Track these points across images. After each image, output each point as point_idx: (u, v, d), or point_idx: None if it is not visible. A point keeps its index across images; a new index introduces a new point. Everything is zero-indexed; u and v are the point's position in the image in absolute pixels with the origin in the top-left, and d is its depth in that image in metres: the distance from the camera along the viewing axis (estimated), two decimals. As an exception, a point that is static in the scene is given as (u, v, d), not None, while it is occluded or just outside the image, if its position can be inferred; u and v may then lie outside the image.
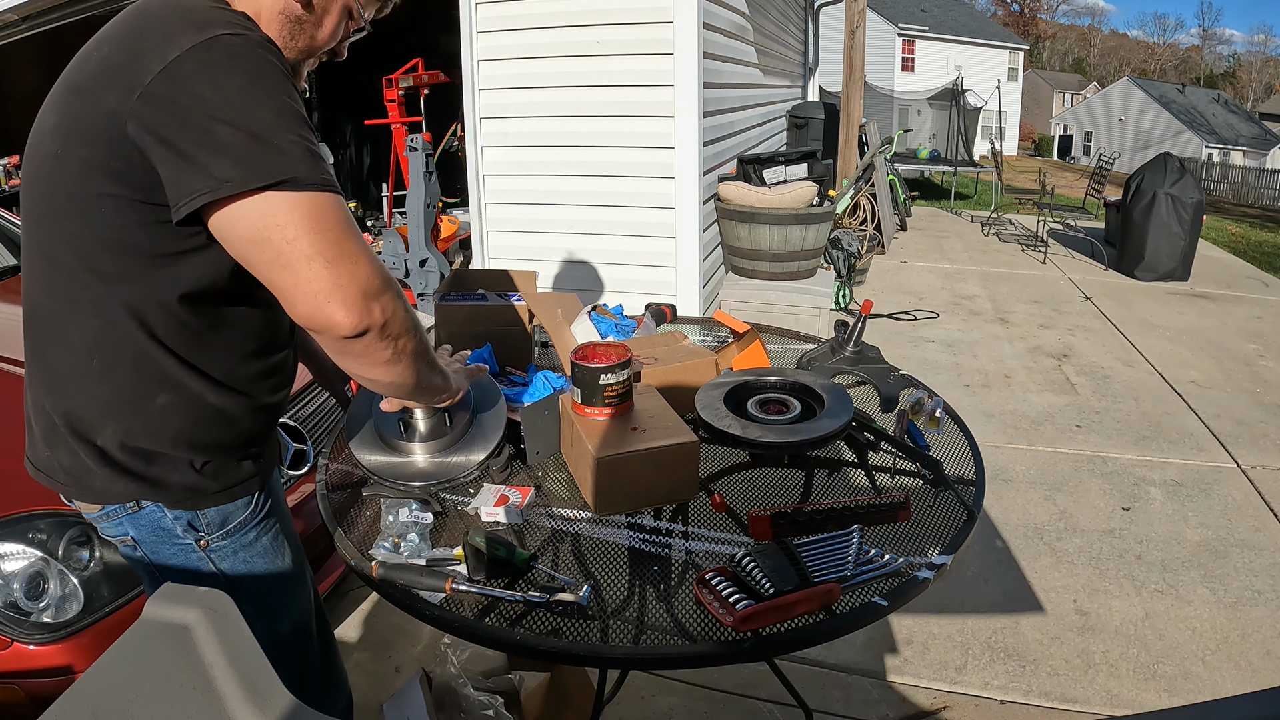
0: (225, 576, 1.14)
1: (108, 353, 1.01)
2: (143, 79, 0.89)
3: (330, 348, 0.97)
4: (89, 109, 0.93)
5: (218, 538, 1.12)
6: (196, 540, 1.11)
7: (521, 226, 4.21)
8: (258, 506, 1.17)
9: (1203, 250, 7.70)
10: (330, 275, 0.90)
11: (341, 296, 0.91)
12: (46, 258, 1.01)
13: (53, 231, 0.99)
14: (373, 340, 0.96)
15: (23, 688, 1.55)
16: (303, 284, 0.90)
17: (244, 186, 0.87)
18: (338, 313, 0.91)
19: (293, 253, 0.89)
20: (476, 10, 3.92)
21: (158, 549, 1.12)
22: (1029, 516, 3.07)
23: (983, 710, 2.12)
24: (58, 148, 0.96)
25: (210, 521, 1.11)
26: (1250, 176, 21.32)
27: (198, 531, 1.11)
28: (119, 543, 1.14)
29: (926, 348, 5.10)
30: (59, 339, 1.03)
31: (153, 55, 0.90)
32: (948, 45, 26.25)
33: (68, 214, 0.97)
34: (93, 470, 1.06)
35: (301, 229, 0.89)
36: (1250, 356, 5.09)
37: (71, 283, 0.99)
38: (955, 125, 14.19)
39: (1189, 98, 31.53)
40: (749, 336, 1.79)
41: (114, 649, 0.66)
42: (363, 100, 7.05)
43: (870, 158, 7.39)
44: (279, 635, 1.21)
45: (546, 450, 1.46)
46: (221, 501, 1.12)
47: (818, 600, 1.05)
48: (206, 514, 1.11)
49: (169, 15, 0.94)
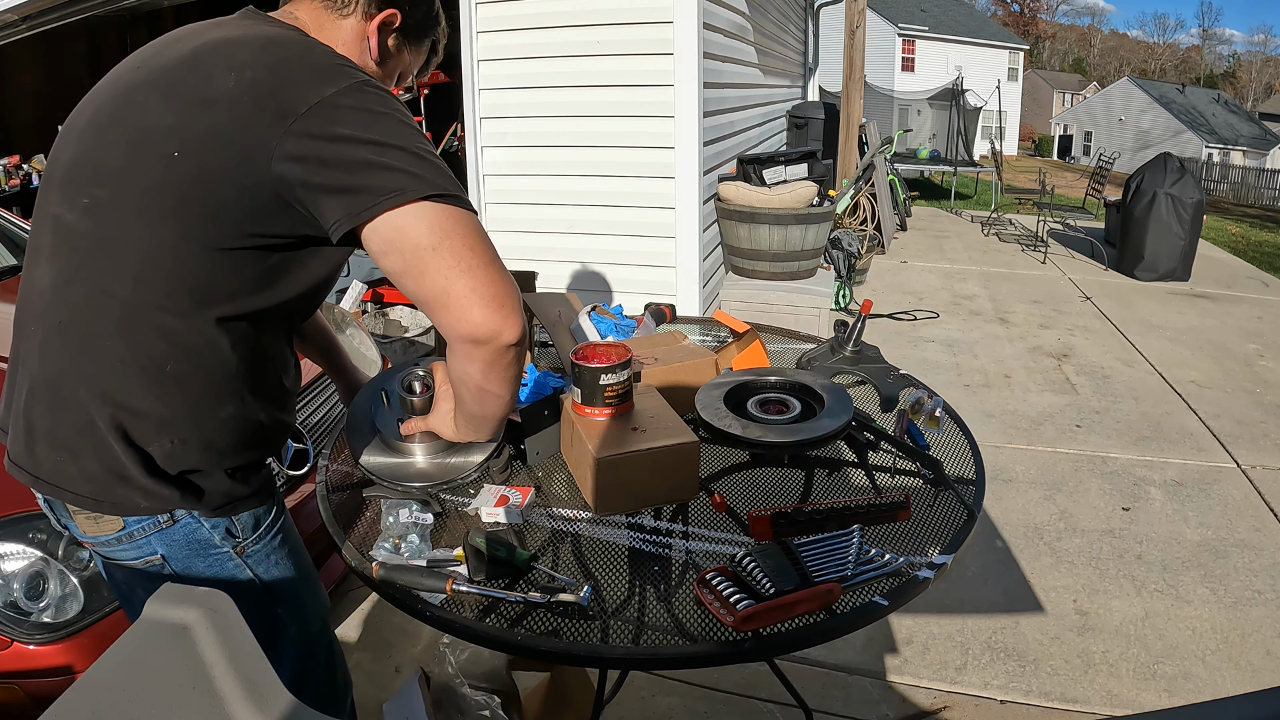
0: (261, 581, 1.13)
1: (183, 359, 1.00)
2: (298, 108, 0.93)
3: (474, 354, 1.02)
4: (226, 123, 0.93)
5: (252, 542, 1.12)
6: (234, 547, 1.10)
7: (521, 226, 4.21)
8: (279, 509, 1.18)
9: (1203, 250, 7.70)
10: (489, 281, 0.97)
11: (504, 303, 0.97)
12: (131, 248, 0.97)
13: (149, 228, 0.96)
14: (517, 350, 1.02)
15: (23, 688, 1.55)
16: (480, 286, 0.96)
17: (420, 193, 0.94)
18: (507, 320, 0.98)
19: (471, 258, 0.96)
20: (476, 10, 3.92)
21: (190, 563, 1.08)
22: (1029, 516, 3.07)
23: (983, 710, 2.12)
24: (176, 150, 0.95)
25: (245, 526, 1.11)
26: (1250, 176, 21.32)
27: (235, 538, 1.10)
28: (140, 564, 1.08)
29: (926, 348, 5.10)
30: (127, 337, 0.98)
31: (307, 88, 0.94)
32: (948, 45, 26.26)
33: (173, 214, 0.96)
34: (130, 478, 1.01)
35: (470, 239, 0.96)
36: (1250, 356, 5.09)
37: (155, 281, 0.97)
38: (955, 125, 14.20)
39: (1189, 98, 31.54)
40: (749, 336, 1.79)
41: (114, 649, 0.66)
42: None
43: (870, 158, 7.39)
44: (312, 633, 1.22)
45: (546, 450, 1.46)
46: (253, 505, 1.12)
47: (818, 600, 1.05)
48: (241, 519, 1.10)
49: (315, 54, 1.00)
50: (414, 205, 0.94)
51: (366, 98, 0.96)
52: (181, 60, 1.00)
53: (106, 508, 1.03)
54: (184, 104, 0.96)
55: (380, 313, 5.28)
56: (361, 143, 0.93)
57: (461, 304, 0.96)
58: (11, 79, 6.63)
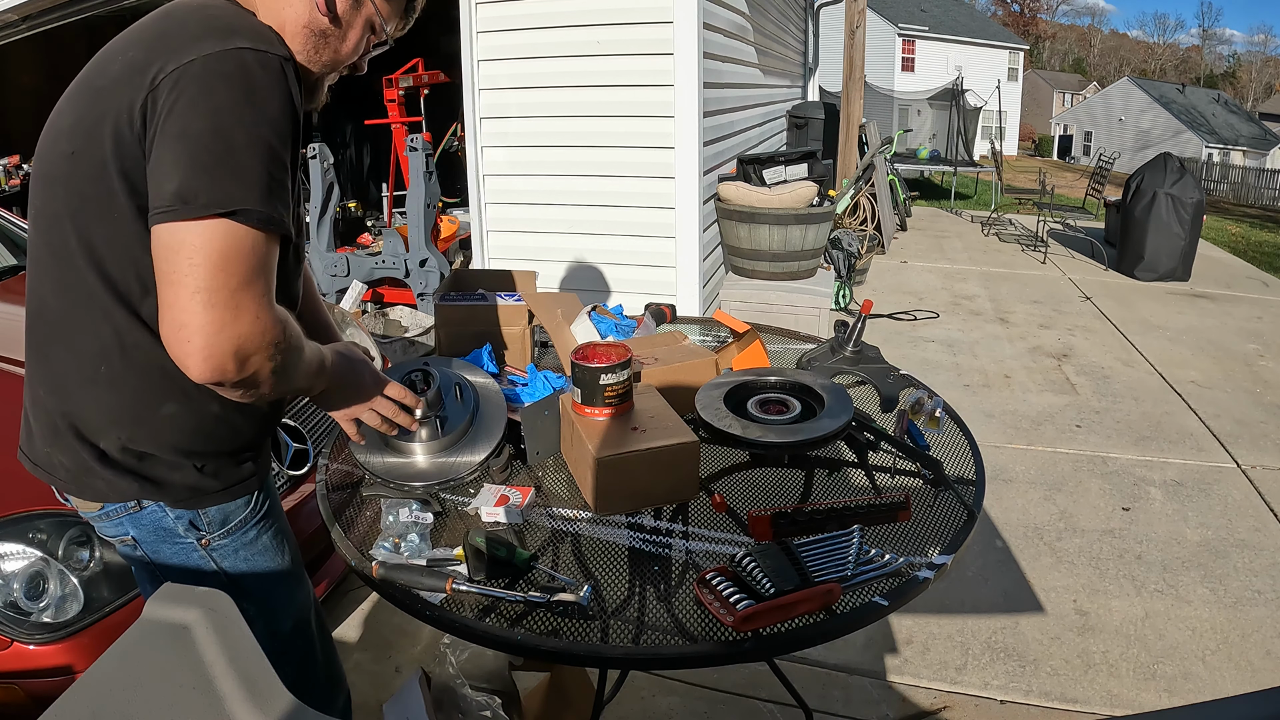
0: (226, 575, 1.14)
1: (116, 360, 1.01)
2: (156, 79, 0.90)
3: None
4: (108, 109, 0.93)
5: (219, 536, 1.12)
6: (198, 539, 1.11)
7: (521, 226, 4.21)
8: (257, 505, 1.17)
9: (1203, 250, 7.70)
10: (206, 317, 0.88)
11: (204, 343, 0.89)
12: (57, 257, 1.00)
13: (66, 232, 0.98)
14: (225, 388, 0.96)
15: (23, 688, 1.55)
16: (178, 313, 0.89)
17: (189, 214, 0.87)
18: (194, 356, 0.89)
19: (187, 279, 0.88)
20: (476, 10, 3.92)
21: (158, 548, 1.12)
22: (1029, 516, 3.07)
23: (983, 710, 2.12)
24: (74, 148, 0.95)
25: (211, 520, 1.12)
26: (1250, 176, 21.32)
27: (199, 530, 1.11)
28: (118, 542, 1.14)
29: (926, 348, 5.10)
30: (66, 341, 1.03)
31: (171, 57, 0.90)
32: (948, 45, 26.25)
33: (82, 215, 0.96)
34: (94, 470, 1.06)
35: (206, 261, 0.88)
36: (1250, 356, 5.09)
37: (82, 286, 0.99)
38: (955, 125, 14.19)
39: (1189, 98, 31.53)
40: (749, 336, 1.79)
41: (114, 649, 0.66)
42: (363, 100, 7.05)
43: (870, 158, 7.39)
44: (280, 633, 1.21)
45: (546, 450, 1.46)
46: (222, 500, 1.12)
47: (818, 600, 1.05)
48: (208, 513, 1.11)
49: (195, 19, 0.95)
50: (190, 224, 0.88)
51: (223, 68, 0.90)
52: (103, 53, 1.00)
53: (86, 493, 1.09)
54: (82, 97, 0.98)
55: (380, 313, 5.28)
56: (181, 126, 0.88)
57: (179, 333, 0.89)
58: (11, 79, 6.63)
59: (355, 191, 8.47)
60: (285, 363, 0.98)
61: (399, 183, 5.71)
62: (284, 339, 0.96)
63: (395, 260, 5.06)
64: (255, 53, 0.91)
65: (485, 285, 1.92)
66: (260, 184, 0.90)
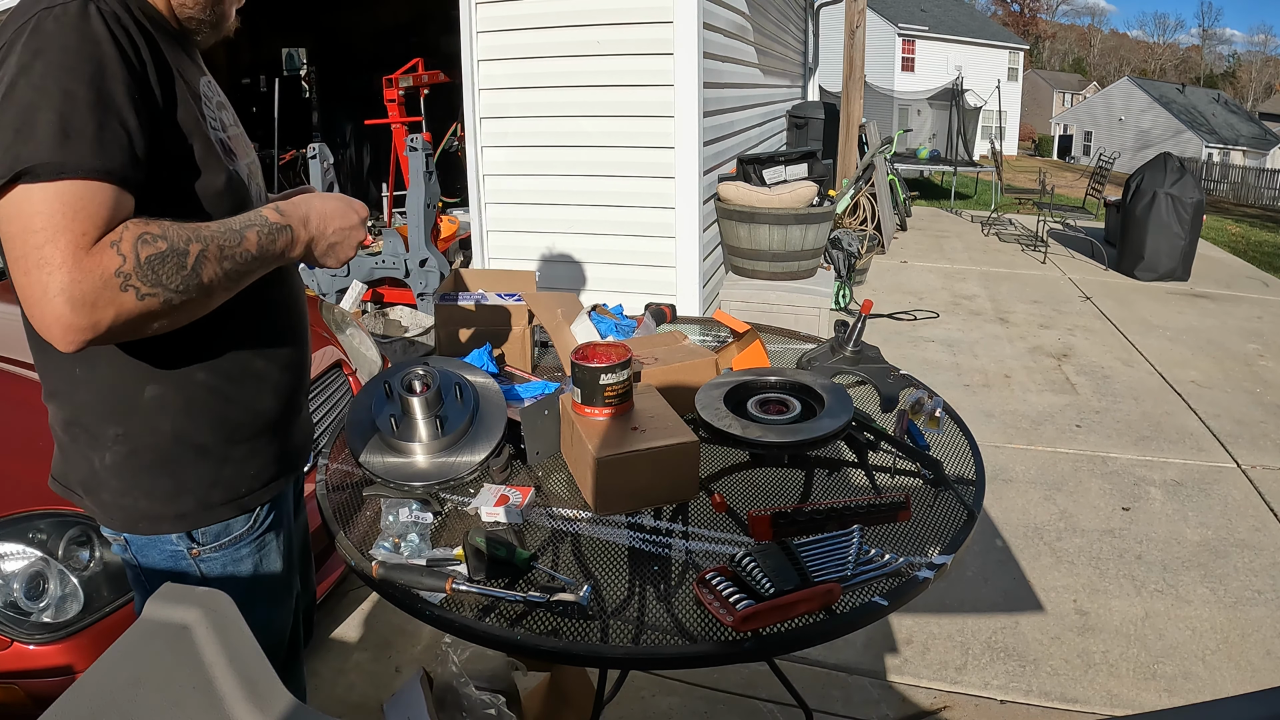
0: (205, 580, 1.13)
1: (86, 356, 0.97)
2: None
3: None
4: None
5: (211, 549, 1.11)
6: (188, 548, 1.10)
7: (521, 226, 4.21)
8: (257, 523, 1.15)
9: (1203, 250, 7.70)
10: (34, 288, 0.83)
11: (42, 313, 0.83)
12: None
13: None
14: (114, 335, 0.87)
15: (23, 688, 1.55)
16: (20, 291, 0.84)
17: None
18: (47, 329, 0.84)
19: (10, 253, 0.84)
20: (476, 10, 3.92)
21: (146, 551, 1.11)
22: (1029, 516, 3.07)
23: (983, 710, 2.11)
24: None
25: (208, 533, 1.10)
26: (1250, 176, 21.31)
27: (193, 542, 1.10)
28: (113, 540, 1.13)
29: (926, 348, 5.10)
30: (40, 348, 1.02)
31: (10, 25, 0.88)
32: (948, 45, 26.25)
33: None
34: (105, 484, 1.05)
35: (13, 230, 0.83)
36: (1250, 356, 5.09)
37: None
38: (955, 125, 14.19)
39: (1189, 98, 31.53)
40: (749, 336, 1.79)
41: (114, 649, 0.66)
42: (363, 100, 7.06)
43: (870, 158, 7.39)
44: None
45: (546, 450, 1.46)
46: (225, 516, 1.11)
47: (818, 600, 1.05)
48: (208, 530, 1.10)
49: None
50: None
51: (10, 47, 0.86)
52: None
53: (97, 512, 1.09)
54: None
55: (380, 313, 5.28)
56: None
57: (37, 320, 0.84)
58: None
59: (355, 191, 8.47)
60: (161, 277, 0.87)
61: (399, 183, 5.71)
62: (130, 263, 0.86)
63: (395, 260, 5.06)
64: (48, 10, 0.87)
65: (485, 285, 1.92)
66: (51, 134, 0.83)
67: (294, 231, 1.02)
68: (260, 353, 1.11)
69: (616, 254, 4.08)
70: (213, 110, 1.04)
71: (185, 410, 1.04)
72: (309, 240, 1.04)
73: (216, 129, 1.03)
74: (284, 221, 1.00)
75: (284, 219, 1.01)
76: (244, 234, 0.96)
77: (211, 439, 1.07)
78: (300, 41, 6.89)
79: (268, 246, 0.98)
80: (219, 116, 1.06)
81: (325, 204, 1.07)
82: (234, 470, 1.11)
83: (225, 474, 1.10)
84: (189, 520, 1.08)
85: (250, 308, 1.06)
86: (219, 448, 1.08)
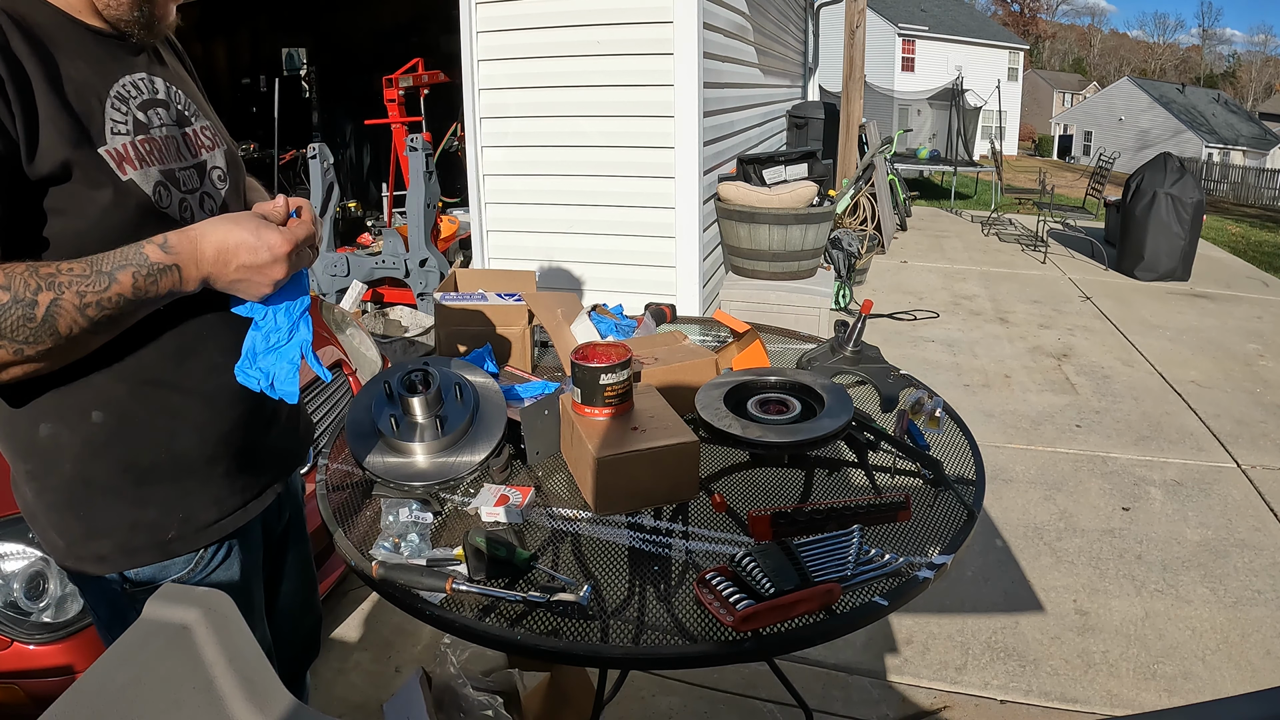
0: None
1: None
2: None
3: None
4: None
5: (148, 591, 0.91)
6: (122, 587, 1.02)
7: (521, 226, 4.21)
8: (200, 565, 1.04)
9: (1203, 250, 7.70)
10: None
11: None
12: None
13: None
14: None
15: (23, 688, 1.55)
16: None
17: None
18: None
19: None
20: (476, 10, 3.92)
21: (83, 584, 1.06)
22: (1029, 516, 3.07)
23: (983, 710, 2.11)
24: None
25: (140, 574, 1.01)
26: (1250, 176, 21.30)
27: (125, 581, 1.02)
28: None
29: (926, 348, 5.10)
30: None
31: None
32: (948, 45, 26.24)
33: None
34: (34, 517, 1.01)
35: None
36: (1250, 356, 5.09)
37: None
38: (955, 125, 14.20)
39: (1189, 98, 31.52)
40: (749, 336, 1.79)
41: (114, 649, 0.66)
42: (363, 100, 7.06)
43: (870, 158, 7.39)
44: None
45: (546, 450, 1.46)
46: (149, 561, 1.00)
47: (818, 600, 1.05)
48: (141, 571, 1.01)
49: None
50: None
51: None
52: None
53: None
54: None
55: (380, 313, 5.28)
56: None
57: None
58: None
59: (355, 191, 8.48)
60: (4, 330, 0.80)
61: (399, 183, 5.72)
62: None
63: (395, 260, 5.06)
64: None
65: (485, 285, 1.92)
66: None
67: (181, 271, 0.89)
68: (176, 389, 0.98)
69: (616, 254, 4.08)
70: (130, 110, 0.93)
71: (85, 451, 0.95)
72: (203, 279, 0.91)
73: (124, 133, 0.91)
74: (169, 260, 0.88)
75: (170, 257, 0.88)
76: (115, 276, 0.85)
77: (120, 481, 0.97)
78: (300, 41, 6.89)
79: (146, 289, 0.87)
80: (143, 116, 0.95)
81: (229, 236, 0.91)
82: (159, 512, 1.00)
83: (147, 517, 1.00)
84: (109, 563, 1.00)
85: (161, 335, 0.95)
86: (129, 490, 0.98)
